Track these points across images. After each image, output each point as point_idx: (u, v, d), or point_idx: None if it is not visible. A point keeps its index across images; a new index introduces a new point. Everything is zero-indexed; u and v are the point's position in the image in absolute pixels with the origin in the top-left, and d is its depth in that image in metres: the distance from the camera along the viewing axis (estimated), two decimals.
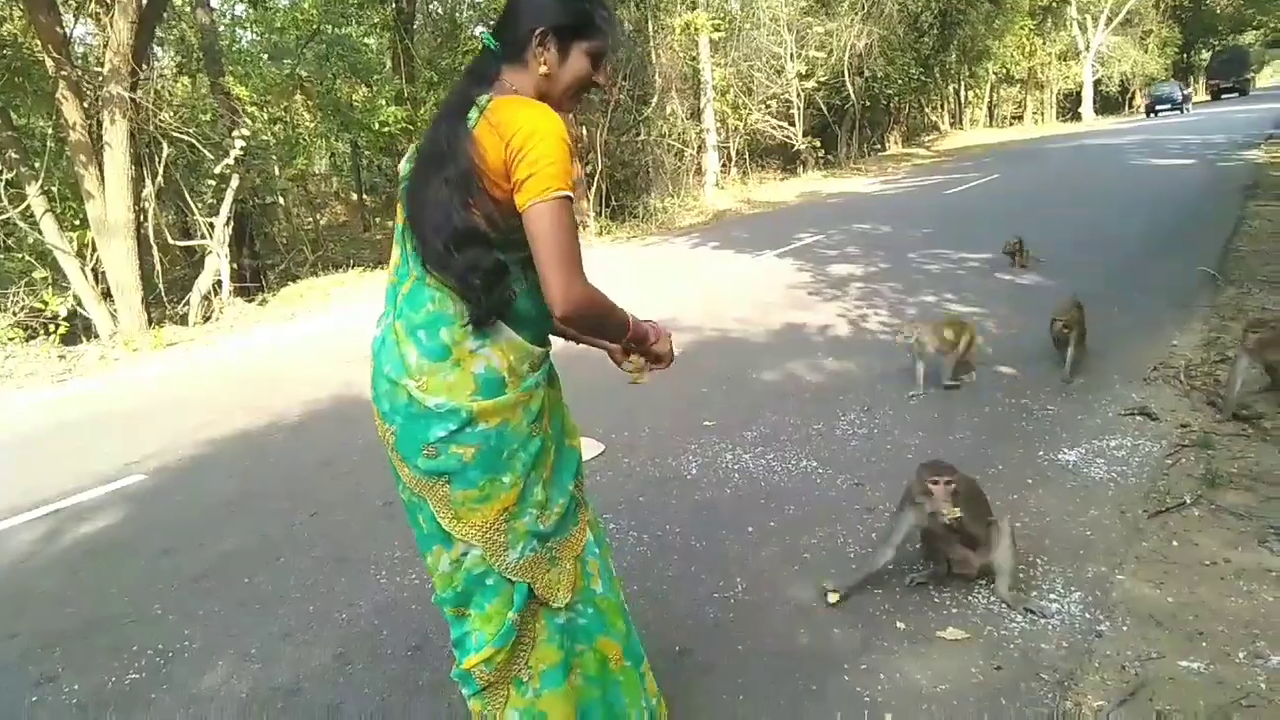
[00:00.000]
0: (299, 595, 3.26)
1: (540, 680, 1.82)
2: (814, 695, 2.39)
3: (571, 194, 1.60)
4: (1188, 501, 3.24)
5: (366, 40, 15.91)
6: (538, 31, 1.67)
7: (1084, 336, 4.89)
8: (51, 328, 8.96)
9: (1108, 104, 45.02)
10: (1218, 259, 7.05)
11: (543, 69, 1.70)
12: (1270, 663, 2.31)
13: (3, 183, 9.17)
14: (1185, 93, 36.80)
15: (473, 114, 1.64)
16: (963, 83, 33.89)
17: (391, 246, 1.83)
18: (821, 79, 21.92)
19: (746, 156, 21.91)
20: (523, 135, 1.56)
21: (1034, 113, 41.24)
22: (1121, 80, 42.44)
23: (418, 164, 1.72)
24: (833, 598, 2.84)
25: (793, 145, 22.19)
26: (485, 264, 1.63)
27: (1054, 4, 34.80)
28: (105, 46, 9.44)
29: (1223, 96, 41.51)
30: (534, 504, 1.76)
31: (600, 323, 1.75)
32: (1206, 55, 56.23)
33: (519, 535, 1.75)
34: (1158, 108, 35.65)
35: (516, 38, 1.70)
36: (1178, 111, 34.30)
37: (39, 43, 9.23)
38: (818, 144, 23.12)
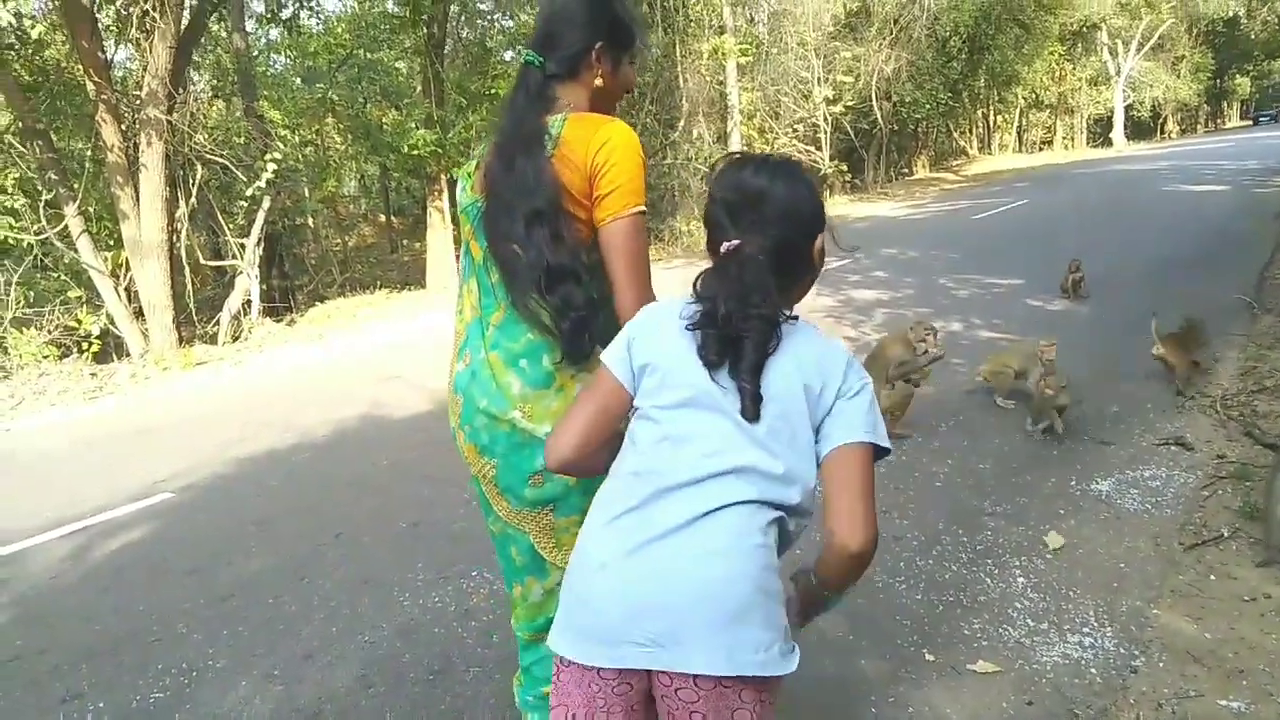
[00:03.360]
0: (323, 616, 3.26)
1: None
2: None
3: (646, 210, 1.66)
4: (1225, 534, 3.17)
5: (397, 64, 16.16)
6: (595, 48, 1.71)
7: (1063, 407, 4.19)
8: (84, 346, 9.11)
9: (1139, 129, 44.68)
10: (1254, 287, 6.94)
11: (599, 82, 1.74)
12: None
13: (42, 203, 9.37)
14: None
15: (547, 140, 1.65)
16: (991, 107, 33.80)
17: (463, 278, 1.86)
18: (849, 103, 21.95)
19: None
20: (606, 151, 1.61)
21: (1064, 138, 41.01)
22: (1153, 106, 42.09)
23: (494, 197, 1.70)
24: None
25: (819, 169, 22.19)
26: (577, 301, 1.63)
27: (1084, 29, 34.61)
28: (144, 71, 9.65)
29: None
30: None
31: None
32: (1241, 80, 55.81)
33: None
34: (1260, 118, 50.56)
35: (570, 55, 1.72)
36: (1275, 121, 48.49)
37: (80, 67, 9.45)
38: (844, 168, 23.13)
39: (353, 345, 9.71)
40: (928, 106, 25.03)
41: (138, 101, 9.72)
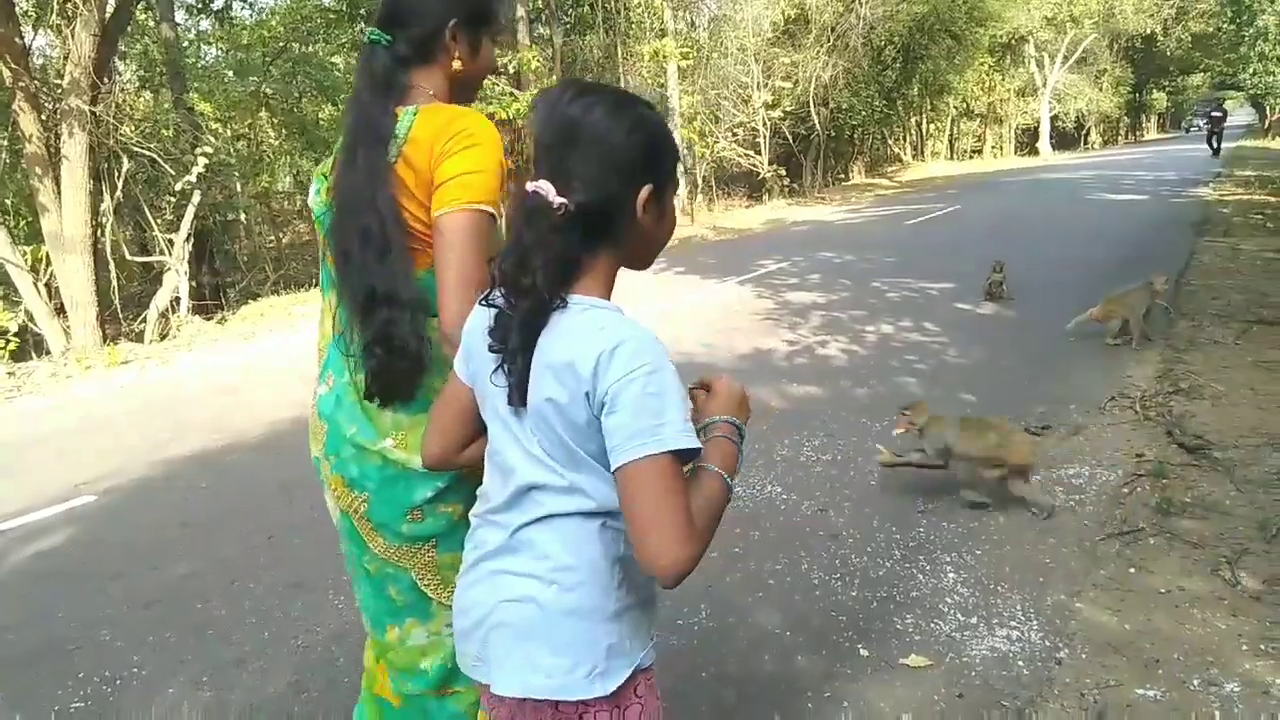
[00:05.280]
0: (254, 621, 3.19)
1: None
2: None
3: (495, 213, 1.43)
4: (1144, 529, 3.30)
5: (334, 59, 15.84)
6: (450, 25, 1.52)
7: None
8: (1, 344, 8.73)
9: (1064, 139, 46.10)
10: (1170, 293, 7.23)
11: (456, 64, 1.55)
12: (1224, 690, 2.35)
13: None
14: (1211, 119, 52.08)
15: (392, 140, 1.46)
16: (924, 116, 34.56)
17: (323, 292, 1.68)
18: (787, 109, 22.23)
19: (713, 183, 22.10)
20: (454, 142, 1.42)
21: (993, 146, 42.09)
22: (1077, 117, 43.54)
23: (340, 205, 1.51)
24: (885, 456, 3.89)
25: (759, 173, 22.45)
26: (399, 332, 1.44)
27: (1013, 42, 35.60)
28: (65, 59, 9.30)
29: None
30: None
31: None
32: (1158, 95, 58.18)
33: None
34: (1191, 127, 52.13)
35: (423, 34, 1.52)
36: (1204, 127, 51.71)
37: None
38: (783, 172, 23.38)
39: (286, 344, 9.48)
40: (863, 113, 25.47)
41: (59, 90, 9.36)
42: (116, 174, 10.24)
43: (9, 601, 3.55)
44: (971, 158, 40.10)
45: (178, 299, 10.58)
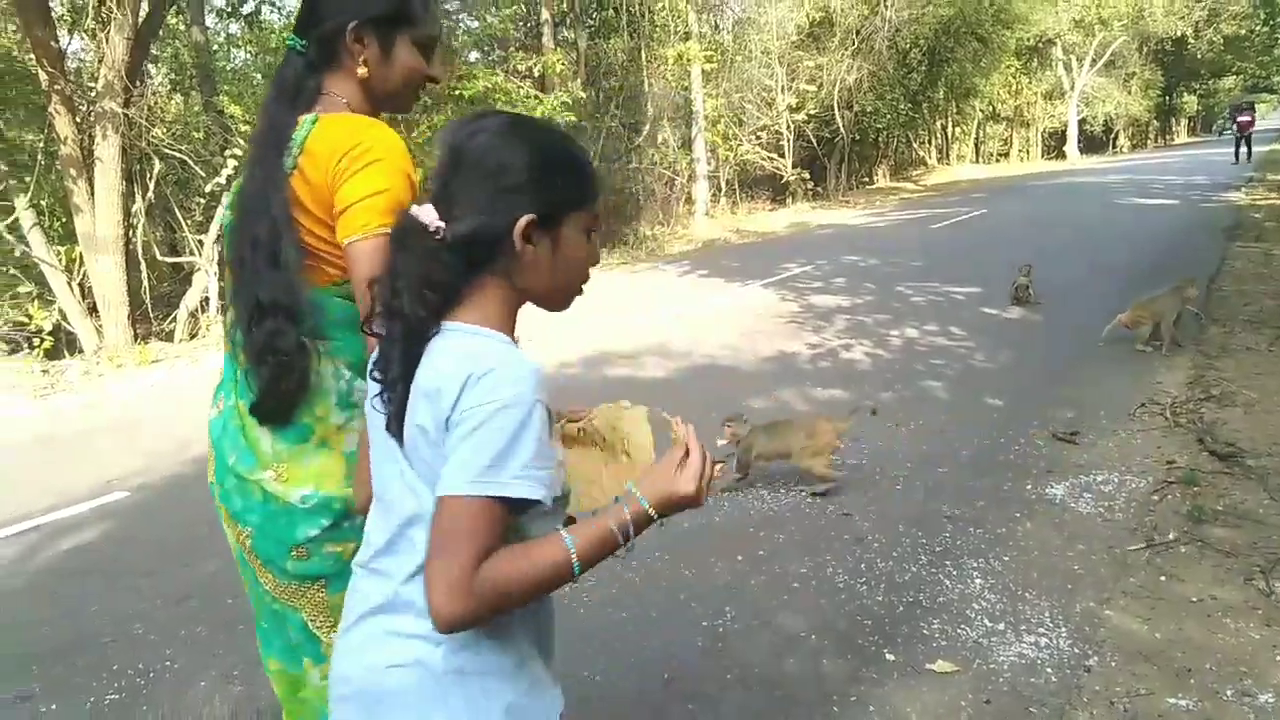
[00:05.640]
0: None
1: None
2: None
3: None
4: (1174, 537, 3.27)
5: None
6: (351, 27, 1.40)
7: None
8: (36, 342, 8.87)
9: (1092, 143, 45.61)
10: (1202, 298, 7.14)
11: (361, 70, 1.43)
12: (1258, 701, 2.32)
13: None
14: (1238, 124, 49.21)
15: (293, 145, 1.37)
16: (950, 119, 34.31)
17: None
18: (811, 112, 22.16)
19: (736, 186, 22.07)
20: (350, 158, 1.32)
21: (1020, 150, 41.74)
22: (1105, 120, 43.09)
23: (238, 213, 1.43)
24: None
25: (782, 176, 22.38)
26: (283, 344, 1.36)
27: (1040, 44, 35.35)
28: (100, 62, 9.45)
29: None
30: None
31: None
32: (1189, 99, 57.43)
33: None
34: (1225, 130, 49.58)
35: (324, 36, 1.43)
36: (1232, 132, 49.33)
37: (33, 56, 9.23)
38: (807, 176, 23.31)
39: None
40: (888, 116, 25.35)
41: (93, 93, 9.51)
42: (148, 175, 10.39)
43: (43, 596, 3.61)
44: (998, 161, 39.78)
45: (207, 299, 10.71)
